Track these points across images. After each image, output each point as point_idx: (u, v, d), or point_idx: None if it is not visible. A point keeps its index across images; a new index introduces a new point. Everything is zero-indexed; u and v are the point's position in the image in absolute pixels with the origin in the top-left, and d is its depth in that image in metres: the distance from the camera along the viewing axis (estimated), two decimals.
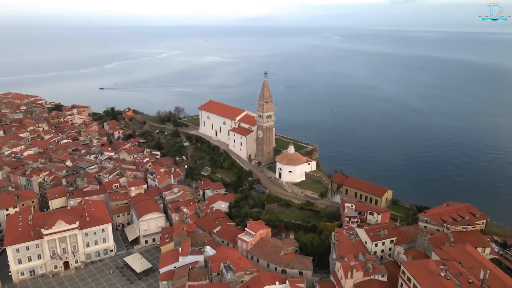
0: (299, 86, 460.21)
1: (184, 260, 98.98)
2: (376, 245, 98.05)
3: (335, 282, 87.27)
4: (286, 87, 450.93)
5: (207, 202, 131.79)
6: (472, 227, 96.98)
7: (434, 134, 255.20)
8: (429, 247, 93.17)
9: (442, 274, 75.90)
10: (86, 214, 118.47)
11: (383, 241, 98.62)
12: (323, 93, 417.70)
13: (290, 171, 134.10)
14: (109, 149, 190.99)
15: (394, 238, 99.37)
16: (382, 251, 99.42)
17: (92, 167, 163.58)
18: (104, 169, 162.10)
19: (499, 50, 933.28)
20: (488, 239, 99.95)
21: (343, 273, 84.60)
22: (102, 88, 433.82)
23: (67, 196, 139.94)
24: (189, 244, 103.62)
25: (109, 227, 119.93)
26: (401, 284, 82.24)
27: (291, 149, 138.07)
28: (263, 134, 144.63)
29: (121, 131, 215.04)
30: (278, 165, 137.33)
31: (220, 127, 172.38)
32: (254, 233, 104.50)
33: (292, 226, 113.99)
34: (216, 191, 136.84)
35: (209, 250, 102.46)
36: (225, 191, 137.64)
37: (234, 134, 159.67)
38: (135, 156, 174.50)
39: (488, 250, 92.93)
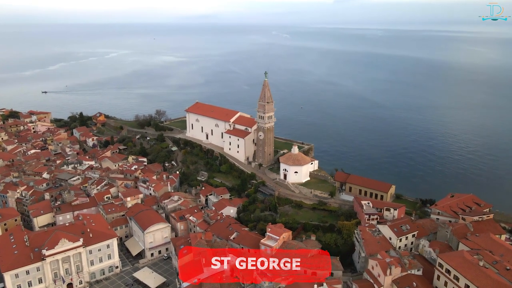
0: (262, 83, 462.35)
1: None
2: (400, 240, 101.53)
3: (372, 280, 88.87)
4: (249, 85, 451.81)
5: (213, 208, 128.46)
6: (487, 216, 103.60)
7: (406, 128, 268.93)
8: (452, 238, 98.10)
9: (481, 263, 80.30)
10: (88, 230, 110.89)
11: (407, 235, 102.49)
12: (288, 91, 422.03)
13: (296, 172, 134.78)
14: (87, 157, 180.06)
15: (416, 232, 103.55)
16: (405, 245, 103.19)
17: (74, 178, 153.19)
18: (89, 179, 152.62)
19: (440, 46, 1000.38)
20: None
21: (381, 270, 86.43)
22: (45, 92, 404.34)
23: (55, 211, 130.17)
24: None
25: (114, 242, 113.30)
26: (438, 276, 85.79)
27: (295, 149, 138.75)
28: (264, 136, 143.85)
29: (95, 138, 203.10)
30: (282, 166, 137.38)
31: (212, 130, 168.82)
32: (277, 237, 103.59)
33: (309, 227, 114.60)
34: (221, 196, 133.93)
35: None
36: (230, 196, 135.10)
37: (229, 137, 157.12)
38: (120, 164, 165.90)
39: (503, 237, 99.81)
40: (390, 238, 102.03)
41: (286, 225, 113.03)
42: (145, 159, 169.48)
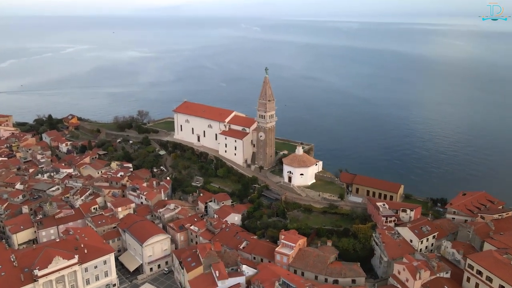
0: (239, 80, 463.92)
1: (224, 284, 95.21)
2: (421, 242, 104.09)
3: (399, 286, 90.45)
4: (226, 82, 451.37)
5: (216, 216, 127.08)
6: (506, 214, 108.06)
7: (398, 126, 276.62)
8: (474, 238, 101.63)
9: None
10: (82, 245, 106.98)
11: (427, 237, 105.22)
12: None
13: (302, 174, 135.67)
14: (63, 164, 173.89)
15: (436, 233, 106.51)
16: (426, 247, 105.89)
17: (53, 189, 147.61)
18: (70, 189, 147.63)
19: (418, 40, 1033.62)
20: None
21: (409, 275, 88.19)
22: None
23: (36, 226, 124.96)
24: (223, 266, 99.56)
25: (111, 257, 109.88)
26: (468, 278, 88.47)
27: (299, 150, 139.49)
28: (266, 136, 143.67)
29: (69, 143, 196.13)
30: (287, 168, 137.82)
31: (204, 131, 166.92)
32: (293, 245, 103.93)
33: (323, 233, 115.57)
34: (223, 203, 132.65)
35: (247, 269, 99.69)
36: (232, 202, 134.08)
37: (225, 138, 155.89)
38: (103, 171, 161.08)
39: None
40: (411, 241, 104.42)
41: (298, 231, 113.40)
42: (130, 165, 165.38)
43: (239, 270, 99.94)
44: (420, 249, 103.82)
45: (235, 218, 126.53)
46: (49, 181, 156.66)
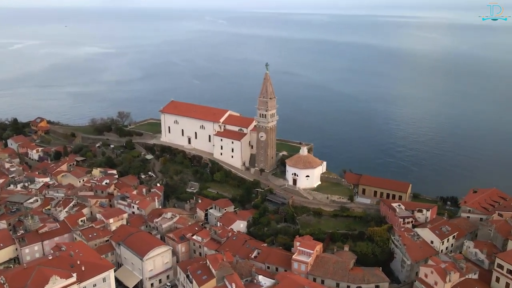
0: (212, 76, 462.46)
1: None
2: (443, 243, 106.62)
3: None
4: (199, 78, 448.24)
5: (219, 224, 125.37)
6: None
7: (387, 122, 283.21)
8: (496, 237, 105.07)
9: None
10: (78, 262, 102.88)
11: (448, 237, 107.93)
12: (243, 83, 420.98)
13: (307, 176, 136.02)
14: (37, 173, 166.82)
15: (456, 233, 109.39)
16: (446, 248, 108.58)
17: (31, 200, 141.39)
18: (51, 200, 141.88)
19: (391, 33, 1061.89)
20: None
21: (438, 278, 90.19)
22: None
23: (18, 243, 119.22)
24: (238, 277, 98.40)
25: (111, 274, 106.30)
26: (497, 278, 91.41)
27: (304, 151, 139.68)
28: (267, 136, 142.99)
29: (40, 149, 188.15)
30: (291, 170, 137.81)
31: (196, 133, 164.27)
32: (311, 251, 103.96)
33: (338, 237, 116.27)
34: (225, 210, 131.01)
35: (264, 280, 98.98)
36: (234, 208, 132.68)
37: (221, 140, 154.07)
38: (85, 180, 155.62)
39: None
40: (432, 242, 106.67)
41: (312, 237, 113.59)
42: (114, 171, 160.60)
43: (255, 281, 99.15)
44: (441, 250, 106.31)
45: (240, 226, 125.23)
46: (25, 192, 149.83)
